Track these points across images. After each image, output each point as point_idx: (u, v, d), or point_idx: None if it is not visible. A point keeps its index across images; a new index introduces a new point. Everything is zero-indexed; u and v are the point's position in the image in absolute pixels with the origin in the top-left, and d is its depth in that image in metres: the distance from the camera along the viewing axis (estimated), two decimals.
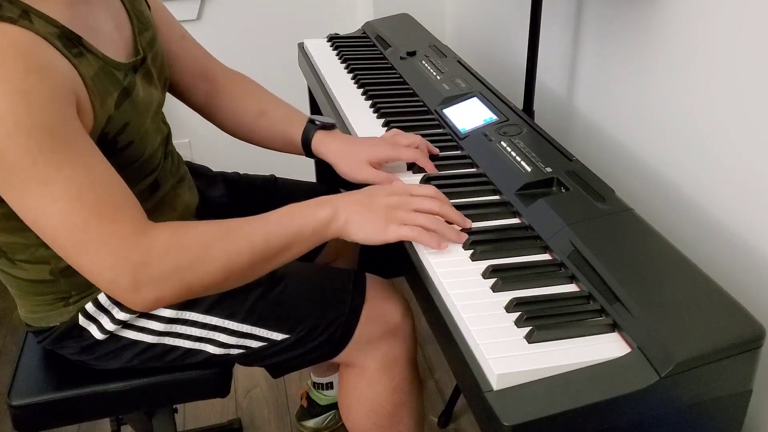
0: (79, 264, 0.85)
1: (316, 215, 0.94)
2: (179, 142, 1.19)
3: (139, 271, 0.84)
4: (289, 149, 1.23)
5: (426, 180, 1.09)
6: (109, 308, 1.03)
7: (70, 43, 0.88)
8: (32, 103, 0.79)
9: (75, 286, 1.02)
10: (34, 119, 0.79)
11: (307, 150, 1.20)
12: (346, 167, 1.12)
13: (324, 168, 1.83)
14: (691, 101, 1.16)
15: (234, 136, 1.29)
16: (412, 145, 1.13)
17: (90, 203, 0.82)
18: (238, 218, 0.92)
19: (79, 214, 0.82)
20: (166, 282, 0.86)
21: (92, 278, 0.86)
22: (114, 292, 0.86)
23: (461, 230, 0.96)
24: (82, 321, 1.03)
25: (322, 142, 1.18)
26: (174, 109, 1.29)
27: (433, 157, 1.15)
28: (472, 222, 0.98)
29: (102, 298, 1.02)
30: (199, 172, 1.30)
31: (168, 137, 1.13)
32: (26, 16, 0.83)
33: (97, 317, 1.03)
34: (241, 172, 1.38)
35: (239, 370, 1.81)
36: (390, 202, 0.95)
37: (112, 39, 0.97)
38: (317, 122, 1.19)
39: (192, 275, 0.88)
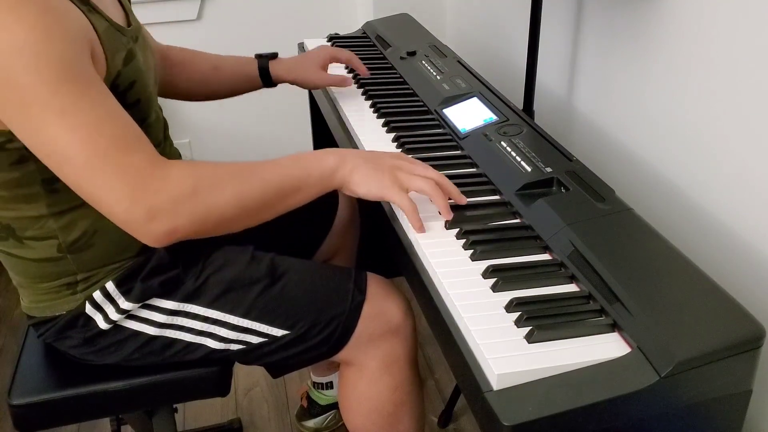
0: (95, 195, 0.87)
1: (323, 161, 0.98)
2: (179, 142, 1.19)
3: (155, 200, 0.87)
4: (249, 87, 1.38)
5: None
6: (116, 297, 1.03)
7: (80, 0, 0.91)
8: (52, 37, 0.82)
9: (82, 265, 1.02)
10: (54, 52, 0.82)
11: (265, 79, 1.37)
12: (303, 76, 1.36)
13: None
14: (691, 101, 1.17)
15: (195, 99, 1.37)
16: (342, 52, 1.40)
17: (109, 134, 0.86)
18: (249, 161, 0.96)
19: (99, 144, 0.85)
20: (181, 211, 0.88)
21: (107, 209, 0.88)
22: (128, 221, 0.88)
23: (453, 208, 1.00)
24: (88, 309, 1.04)
25: (277, 68, 1.36)
26: (174, 109, 1.29)
27: (433, 157, 1.15)
28: (473, 223, 0.98)
29: (109, 286, 1.03)
30: None
31: (165, 126, 1.15)
32: None
33: (103, 306, 1.03)
34: None
35: (239, 370, 1.81)
36: (395, 164, 0.99)
37: (112, 8, 1.01)
38: (264, 55, 1.37)
39: (206, 206, 0.90)
